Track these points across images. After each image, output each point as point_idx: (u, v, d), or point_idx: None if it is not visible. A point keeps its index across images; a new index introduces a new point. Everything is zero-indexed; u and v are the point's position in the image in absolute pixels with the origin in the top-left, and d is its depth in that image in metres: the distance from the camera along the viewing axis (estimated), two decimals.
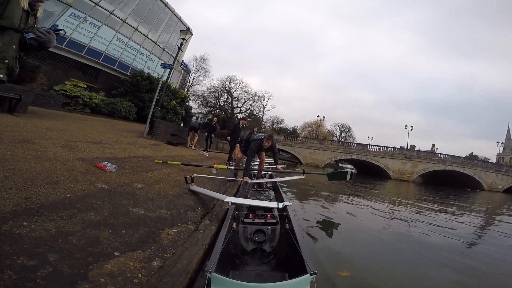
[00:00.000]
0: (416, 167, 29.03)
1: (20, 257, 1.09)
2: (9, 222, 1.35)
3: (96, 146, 4.41)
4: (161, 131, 9.33)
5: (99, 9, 14.40)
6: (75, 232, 1.46)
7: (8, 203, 1.56)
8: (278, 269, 1.82)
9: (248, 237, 2.29)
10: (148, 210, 2.22)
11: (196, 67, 37.66)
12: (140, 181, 3.07)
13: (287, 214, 2.38)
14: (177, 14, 19.79)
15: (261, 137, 4.58)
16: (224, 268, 1.50)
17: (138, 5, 16.57)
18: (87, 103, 12.10)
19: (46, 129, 4.68)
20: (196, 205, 2.85)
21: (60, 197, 1.91)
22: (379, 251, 3.17)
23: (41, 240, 1.27)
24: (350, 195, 7.97)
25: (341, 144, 34.09)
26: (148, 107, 12.13)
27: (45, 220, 1.50)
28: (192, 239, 1.89)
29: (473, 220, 6.77)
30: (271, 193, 4.51)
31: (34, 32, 1.50)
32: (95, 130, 6.60)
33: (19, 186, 1.87)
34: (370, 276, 2.36)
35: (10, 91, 5.58)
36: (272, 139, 4.56)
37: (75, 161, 3.09)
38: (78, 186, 2.28)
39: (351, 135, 49.38)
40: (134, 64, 17.12)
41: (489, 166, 30.10)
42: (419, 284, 2.41)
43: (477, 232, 5.22)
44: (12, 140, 3.21)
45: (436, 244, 3.83)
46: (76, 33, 13.48)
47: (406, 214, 6.11)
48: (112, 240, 1.50)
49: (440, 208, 8.17)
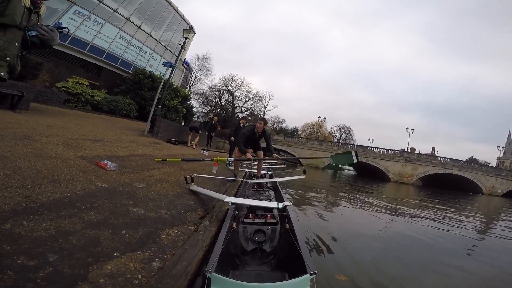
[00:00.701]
0: (416, 170, 29.05)
1: (20, 257, 1.09)
2: (9, 221, 1.35)
3: (97, 144, 4.41)
4: (162, 130, 9.34)
5: (103, 7, 14.44)
6: (75, 232, 1.46)
7: (8, 202, 1.56)
8: (278, 269, 1.82)
9: (248, 237, 2.29)
10: (148, 210, 2.22)
11: (198, 66, 37.81)
12: (140, 180, 3.07)
13: (287, 214, 2.39)
14: (180, 13, 19.81)
15: (252, 126, 4.55)
16: (224, 268, 1.50)
17: (141, 3, 16.61)
18: (88, 100, 12.12)
19: (47, 126, 4.68)
20: (196, 205, 2.84)
21: (60, 196, 1.91)
22: (378, 253, 3.18)
23: (41, 240, 1.27)
24: (350, 197, 7.98)
25: (341, 146, 34.13)
26: (149, 105, 12.15)
27: (45, 219, 1.49)
28: (192, 240, 1.88)
29: (472, 224, 6.77)
30: (271, 193, 4.51)
31: (37, 30, 1.49)
32: (96, 128, 6.61)
33: (19, 185, 1.87)
34: (369, 277, 2.36)
35: (12, 88, 5.59)
36: (265, 121, 4.50)
37: (76, 159, 3.09)
38: (79, 185, 2.28)
39: (351, 136, 49.50)
40: (136, 62, 17.15)
41: (489, 170, 30.12)
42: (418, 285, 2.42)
43: (477, 237, 5.22)
44: (13, 137, 3.21)
45: (437, 246, 3.84)
46: (80, 30, 13.52)
47: (405, 216, 6.12)
48: (112, 240, 1.50)
49: (439, 211, 8.17)
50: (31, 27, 1.52)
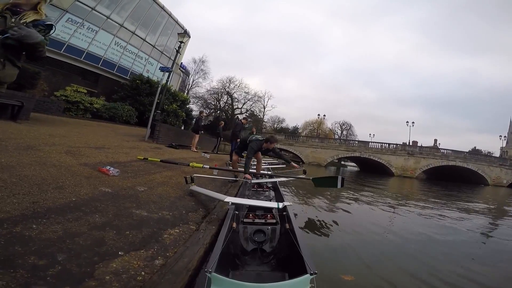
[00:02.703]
0: (419, 163, 28.94)
1: (31, 257, 1.17)
2: (19, 225, 1.43)
3: (98, 151, 4.49)
4: (163, 135, 9.42)
5: (95, 14, 14.52)
6: (82, 233, 1.53)
7: (17, 207, 1.64)
8: (278, 269, 1.83)
9: (248, 237, 2.29)
10: (150, 211, 2.29)
11: (195, 69, 37.91)
12: (142, 184, 3.14)
13: (287, 214, 2.39)
14: (174, 17, 19.91)
15: (260, 139, 4.63)
16: (224, 268, 1.51)
17: (134, 9, 16.69)
18: (88, 108, 12.23)
19: (49, 135, 4.77)
20: (197, 206, 2.91)
21: (66, 200, 1.99)
22: (382, 250, 3.08)
23: (50, 241, 1.34)
24: (352, 194, 7.99)
25: (342, 142, 34.08)
26: (148, 110, 12.22)
27: (53, 222, 1.57)
28: (193, 238, 1.95)
29: (481, 217, 6.59)
30: (271, 193, 4.53)
31: (7, 31, 1.43)
32: (97, 135, 6.70)
33: (26, 191, 1.95)
34: (373, 276, 2.29)
35: (12, 98, 5.67)
36: (273, 141, 4.57)
37: (79, 166, 3.17)
38: (83, 190, 2.35)
39: (352, 132, 49.42)
40: (133, 68, 17.25)
41: (493, 161, 29.96)
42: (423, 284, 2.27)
43: (486, 231, 4.94)
44: (17, 147, 3.30)
45: (445, 242, 3.70)
46: (74, 38, 13.61)
47: (410, 212, 5.97)
48: (117, 240, 1.57)
49: (445, 204, 8.16)
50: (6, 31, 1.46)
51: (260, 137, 4.75)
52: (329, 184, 4.65)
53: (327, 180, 4.66)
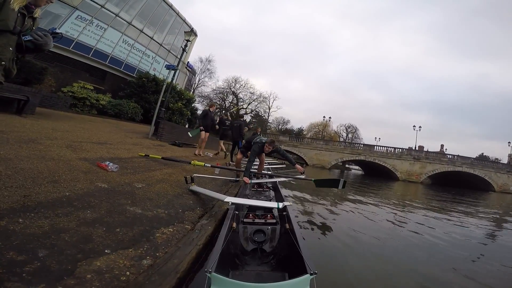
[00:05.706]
0: (424, 168, 28.48)
1: (10, 252, 1.12)
2: (5, 218, 1.39)
3: (100, 146, 4.48)
4: (166, 132, 9.43)
5: (105, 12, 14.69)
6: (69, 229, 1.48)
7: (6, 201, 1.60)
8: (278, 269, 1.82)
9: (248, 237, 2.29)
10: (145, 209, 2.24)
11: (202, 68, 38.08)
12: (140, 181, 3.10)
13: (287, 214, 2.38)
14: (182, 16, 20.01)
15: (264, 141, 4.61)
16: (224, 268, 1.51)
17: (143, 8, 16.85)
18: (94, 104, 12.33)
19: (52, 129, 4.78)
20: (195, 205, 2.86)
21: (59, 195, 1.95)
22: (382, 252, 3.07)
23: (34, 236, 1.29)
24: (355, 196, 7.85)
25: (347, 145, 33.74)
26: (154, 108, 12.21)
27: (41, 217, 1.53)
28: (186, 238, 1.89)
29: (485, 225, 6.47)
30: (271, 193, 4.50)
31: (31, 34, 1.53)
32: (100, 131, 6.72)
33: (19, 184, 1.92)
34: (373, 276, 2.31)
35: (18, 92, 5.73)
36: (274, 145, 4.58)
37: (78, 160, 3.15)
38: (79, 185, 2.32)
39: (358, 135, 48.89)
40: (140, 65, 17.37)
41: (500, 167, 29.34)
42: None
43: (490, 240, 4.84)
44: (18, 140, 3.30)
45: (446, 246, 3.66)
46: (83, 35, 13.77)
47: (413, 216, 5.91)
48: (105, 238, 1.52)
49: (448, 210, 7.97)
50: (26, 32, 1.56)
51: (264, 139, 4.71)
52: (330, 185, 4.72)
53: (328, 182, 4.75)
